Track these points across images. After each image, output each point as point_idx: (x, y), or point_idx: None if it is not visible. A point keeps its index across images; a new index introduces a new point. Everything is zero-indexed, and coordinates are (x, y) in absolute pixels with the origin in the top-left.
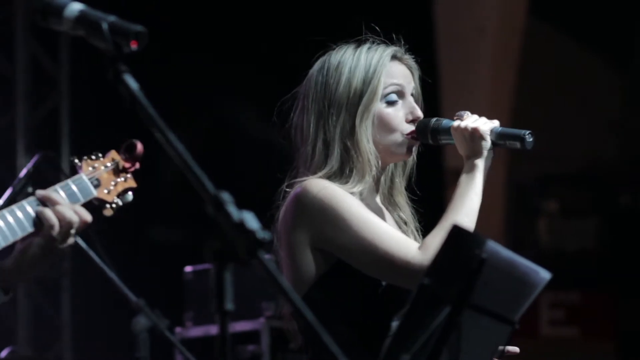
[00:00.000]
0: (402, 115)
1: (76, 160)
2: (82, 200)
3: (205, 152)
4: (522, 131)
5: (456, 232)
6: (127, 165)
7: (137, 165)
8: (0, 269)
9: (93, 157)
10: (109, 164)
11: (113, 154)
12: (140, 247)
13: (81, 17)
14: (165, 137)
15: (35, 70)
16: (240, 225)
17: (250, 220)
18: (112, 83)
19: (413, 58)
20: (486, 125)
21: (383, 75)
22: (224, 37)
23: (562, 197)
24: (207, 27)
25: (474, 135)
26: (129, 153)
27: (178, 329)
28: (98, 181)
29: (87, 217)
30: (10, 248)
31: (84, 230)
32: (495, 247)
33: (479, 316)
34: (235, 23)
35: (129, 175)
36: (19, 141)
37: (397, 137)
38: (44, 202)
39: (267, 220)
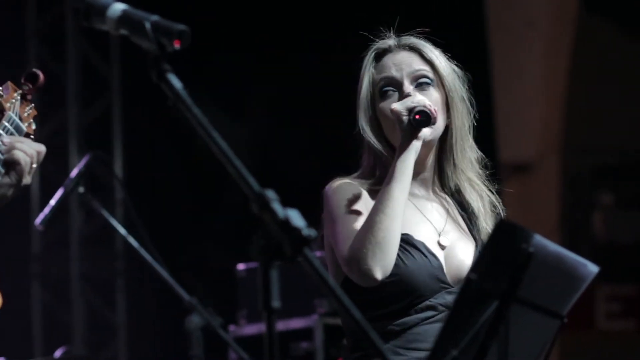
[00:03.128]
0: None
1: None
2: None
3: (251, 149)
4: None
5: (503, 226)
6: (29, 95)
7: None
8: None
9: (0, 93)
10: (16, 96)
11: (12, 86)
12: (193, 245)
13: (124, 17)
14: (209, 135)
15: (87, 70)
16: (286, 223)
17: (296, 218)
18: (156, 82)
19: (415, 34)
20: (402, 105)
21: (368, 75)
22: (267, 35)
23: (617, 189)
24: (251, 25)
25: (395, 117)
26: (31, 83)
27: (231, 327)
28: (20, 117)
29: (41, 147)
30: None
31: (137, 229)
32: (543, 241)
33: (527, 310)
34: (279, 22)
35: (32, 104)
36: (70, 141)
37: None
38: (8, 149)
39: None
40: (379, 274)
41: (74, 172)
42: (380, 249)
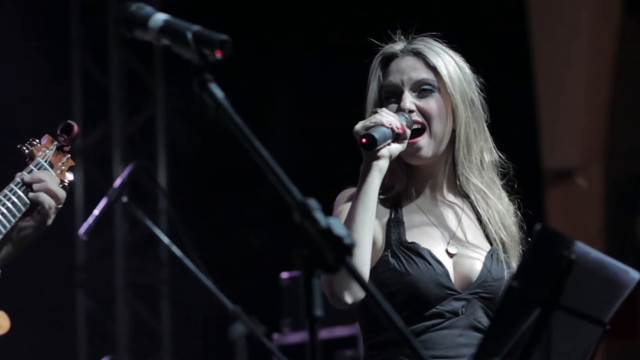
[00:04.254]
0: (394, 109)
1: (24, 147)
2: None
3: (293, 158)
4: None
5: (544, 233)
6: (66, 145)
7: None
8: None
9: (35, 142)
10: (52, 147)
11: (49, 137)
12: (237, 254)
13: (166, 27)
14: (251, 144)
15: (130, 80)
16: (328, 232)
17: (337, 227)
18: (198, 92)
19: (420, 38)
20: (361, 125)
21: (375, 80)
22: (311, 44)
23: None
24: (295, 35)
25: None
26: (66, 134)
27: (275, 335)
28: (51, 164)
29: (63, 193)
30: None
31: (181, 238)
32: (584, 248)
33: (569, 317)
34: (325, 29)
35: (69, 155)
36: (114, 150)
37: None
38: (30, 184)
39: None
40: (348, 299)
41: (117, 182)
42: (346, 276)
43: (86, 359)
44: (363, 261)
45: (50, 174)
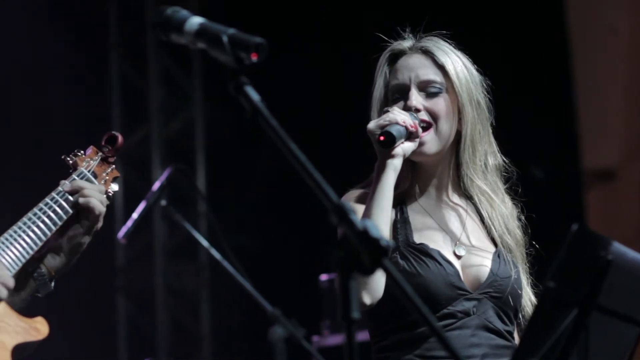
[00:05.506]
0: (401, 106)
1: (68, 158)
2: None
3: (329, 160)
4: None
5: (580, 234)
6: (111, 156)
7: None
8: (50, 262)
9: (79, 153)
10: (96, 158)
11: (93, 148)
12: (276, 256)
13: (201, 31)
14: (288, 147)
15: (169, 83)
16: (364, 234)
17: (374, 229)
18: (234, 95)
19: (428, 37)
20: (375, 123)
21: (382, 77)
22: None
23: None
24: (330, 38)
25: (370, 136)
26: (111, 145)
27: (315, 338)
28: (94, 174)
29: (105, 198)
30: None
31: (220, 241)
32: (621, 249)
33: (606, 318)
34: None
35: (113, 166)
36: (153, 154)
37: None
38: (73, 192)
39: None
40: (367, 300)
41: (156, 185)
42: (364, 277)
43: None
44: None
45: (86, 183)
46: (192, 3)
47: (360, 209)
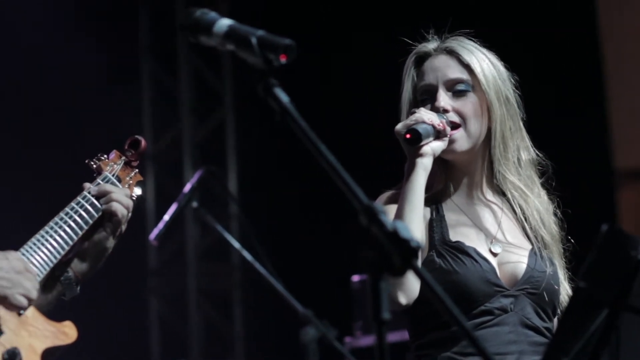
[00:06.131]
0: (429, 108)
1: (92, 162)
2: None
3: (359, 161)
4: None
5: (611, 233)
6: (134, 160)
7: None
8: (77, 266)
9: (102, 157)
10: (120, 162)
11: (117, 152)
12: (308, 257)
13: (230, 32)
14: (317, 149)
15: (200, 86)
16: (394, 235)
17: (404, 230)
18: (263, 97)
19: (453, 37)
20: (402, 124)
21: (409, 80)
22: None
23: None
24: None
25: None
26: (134, 149)
27: (347, 339)
28: (118, 178)
29: (130, 201)
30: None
31: (251, 243)
32: None
33: (637, 318)
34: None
35: (137, 170)
36: (185, 156)
37: None
38: (100, 196)
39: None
40: (403, 300)
41: (187, 187)
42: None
43: None
44: None
45: (113, 187)
46: (221, 5)
47: (392, 209)
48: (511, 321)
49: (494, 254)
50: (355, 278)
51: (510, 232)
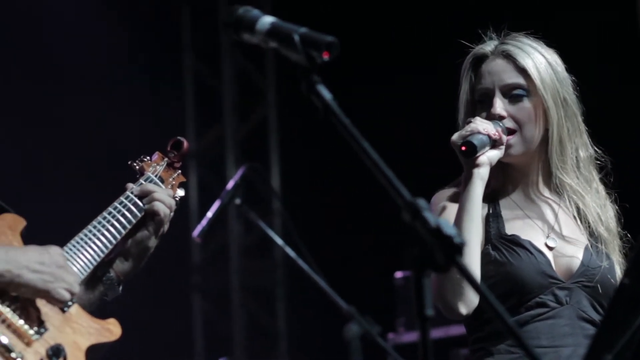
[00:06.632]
0: (485, 116)
1: (134, 164)
2: None
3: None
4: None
5: None
6: (177, 162)
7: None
8: (118, 266)
9: (145, 159)
10: (162, 163)
11: (159, 154)
12: (351, 253)
13: (273, 30)
14: (360, 145)
15: (242, 83)
16: (437, 231)
17: (447, 226)
18: (306, 94)
19: (511, 37)
20: (458, 135)
21: (467, 81)
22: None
23: None
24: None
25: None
26: (176, 150)
27: (390, 335)
28: (161, 179)
29: (173, 201)
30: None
31: (294, 240)
32: None
33: None
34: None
35: (179, 171)
36: (228, 153)
37: None
38: (142, 196)
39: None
40: (463, 310)
41: (230, 184)
42: (459, 286)
43: (203, 359)
44: (473, 272)
45: (155, 187)
46: (264, 2)
47: (453, 209)
48: (567, 314)
49: (550, 248)
50: (399, 274)
51: (566, 227)
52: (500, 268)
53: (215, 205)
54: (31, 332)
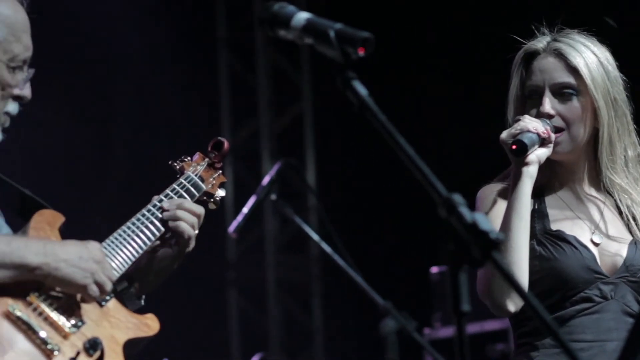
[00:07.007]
0: (535, 113)
1: (175, 164)
2: (197, 195)
3: (442, 152)
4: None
5: None
6: (217, 162)
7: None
8: (137, 281)
9: (186, 159)
10: (203, 163)
11: (200, 154)
12: (387, 249)
13: (308, 26)
14: (396, 141)
15: (277, 78)
16: (474, 227)
17: (483, 222)
18: (341, 90)
19: (563, 33)
20: (507, 133)
21: (517, 76)
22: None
23: None
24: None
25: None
26: (217, 150)
27: (426, 330)
28: (201, 178)
29: (201, 210)
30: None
31: (330, 235)
32: None
33: None
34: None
35: (220, 171)
36: (263, 148)
37: None
38: (166, 216)
39: None
40: (511, 307)
41: (265, 180)
42: (507, 284)
43: (239, 355)
44: (522, 269)
45: (181, 202)
46: None
47: (501, 205)
48: (612, 309)
49: (595, 244)
50: (434, 270)
51: (612, 225)
52: (545, 263)
53: (251, 200)
54: (68, 325)
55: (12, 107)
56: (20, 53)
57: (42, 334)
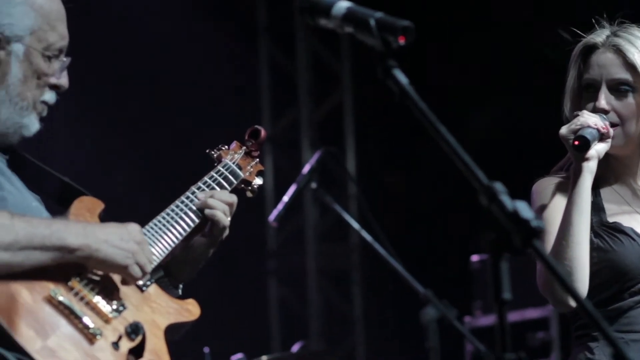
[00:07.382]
0: (591, 107)
1: (212, 152)
2: (235, 183)
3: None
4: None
5: None
6: (254, 150)
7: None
8: (172, 271)
9: (223, 147)
10: (240, 152)
11: (237, 143)
12: (428, 237)
13: (349, 15)
14: (437, 130)
15: (318, 66)
16: (515, 215)
17: (524, 210)
18: (382, 79)
19: (623, 28)
20: (567, 128)
21: (575, 69)
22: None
23: None
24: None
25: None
26: (254, 139)
27: (467, 318)
28: (239, 166)
29: (234, 198)
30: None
31: (370, 223)
32: None
33: None
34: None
35: (257, 160)
36: (303, 137)
37: None
38: (200, 205)
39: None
40: (572, 302)
41: (306, 168)
42: (568, 278)
43: (279, 344)
44: (583, 265)
45: (213, 193)
46: None
47: (560, 200)
48: None
49: None
50: (475, 258)
51: None
52: (603, 255)
53: (291, 189)
54: (110, 310)
55: (49, 96)
56: (56, 42)
57: (85, 319)
